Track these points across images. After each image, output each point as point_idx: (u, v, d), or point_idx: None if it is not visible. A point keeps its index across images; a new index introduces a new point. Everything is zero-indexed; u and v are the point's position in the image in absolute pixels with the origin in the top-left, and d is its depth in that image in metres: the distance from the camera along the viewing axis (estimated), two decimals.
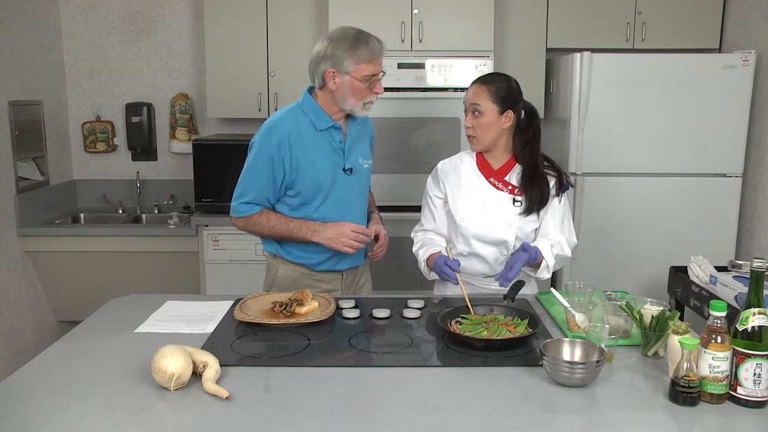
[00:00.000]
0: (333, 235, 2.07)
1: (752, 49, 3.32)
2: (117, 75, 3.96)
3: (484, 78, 2.10)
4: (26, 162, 3.52)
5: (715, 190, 3.34)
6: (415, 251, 2.19)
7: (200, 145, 3.52)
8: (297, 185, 2.07)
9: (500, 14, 3.53)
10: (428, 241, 2.17)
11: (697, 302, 2.65)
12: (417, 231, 2.25)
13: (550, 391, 1.43)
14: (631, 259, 3.37)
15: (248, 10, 3.56)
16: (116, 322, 1.83)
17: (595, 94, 3.25)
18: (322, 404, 1.36)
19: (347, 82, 2.01)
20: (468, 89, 2.09)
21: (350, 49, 1.98)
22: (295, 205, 2.11)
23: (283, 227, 2.09)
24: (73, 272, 3.57)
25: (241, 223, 2.13)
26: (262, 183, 2.06)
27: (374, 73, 2.03)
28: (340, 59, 1.99)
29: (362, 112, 2.09)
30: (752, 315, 1.36)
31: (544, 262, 1.99)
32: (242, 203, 2.09)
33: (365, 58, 1.99)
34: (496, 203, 2.08)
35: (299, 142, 2.05)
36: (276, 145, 2.03)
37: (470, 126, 2.06)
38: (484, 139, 2.06)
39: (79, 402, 1.37)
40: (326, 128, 2.09)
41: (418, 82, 3.37)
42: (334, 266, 2.18)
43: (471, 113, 2.05)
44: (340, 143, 2.12)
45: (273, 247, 2.20)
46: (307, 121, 2.08)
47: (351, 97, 2.03)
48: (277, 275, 2.20)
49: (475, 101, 2.03)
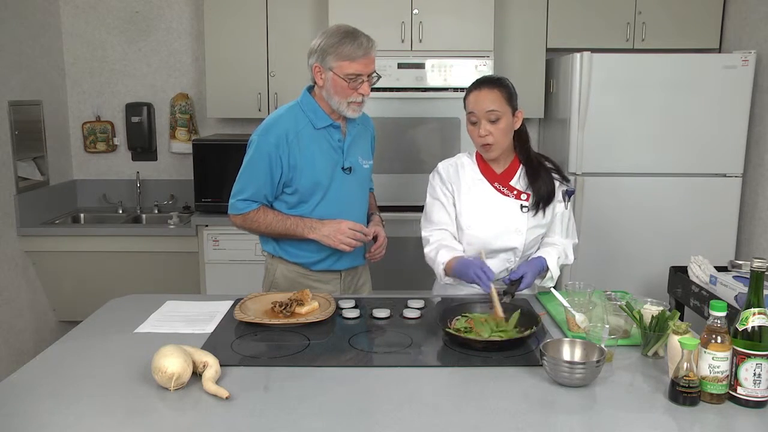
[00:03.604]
0: (330, 232, 2.06)
1: (752, 49, 3.32)
2: (117, 75, 3.96)
3: (488, 83, 2.00)
4: (26, 162, 3.52)
5: (715, 190, 3.34)
6: (431, 253, 2.06)
7: (200, 145, 3.52)
8: (295, 183, 2.08)
9: (500, 14, 3.52)
10: (445, 245, 2.04)
11: (697, 302, 2.65)
12: (431, 230, 2.09)
13: (550, 391, 1.43)
14: (631, 259, 3.37)
15: (248, 10, 3.56)
16: (116, 322, 1.83)
17: (595, 94, 3.25)
18: (322, 404, 1.36)
19: (330, 78, 2.01)
20: (473, 97, 1.98)
21: (335, 45, 1.99)
22: (292, 202, 2.11)
23: (280, 224, 2.09)
24: (73, 272, 3.57)
25: (239, 221, 2.13)
26: (259, 180, 2.06)
27: (357, 72, 1.99)
28: (325, 54, 2.00)
29: (349, 112, 2.05)
30: (752, 315, 1.36)
31: (549, 273, 2.00)
32: (240, 200, 2.09)
33: (347, 56, 1.98)
34: (503, 209, 2.05)
35: (297, 140, 2.05)
36: (274, 143, 2.03)
37: (488, 133, 1.95)
38: (503, 144, 1.99)
39: (79, 402, 1.37)
40: (324, 126, 2.09)
41: (418, 82, 3.37)
42: (332, 266, 2.18)
43: (486, 121, 1.95)
44: (339, 142, 2.12)
45: (271, 246, 2.20)
46: (305, 119, 2.08)
47: (335, 95, 2.03)
48: (276, 275, 2.20)
49: (493, 108, 1.94)
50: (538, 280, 2.03)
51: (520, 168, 2.08)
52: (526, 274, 1.92)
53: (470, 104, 2.00)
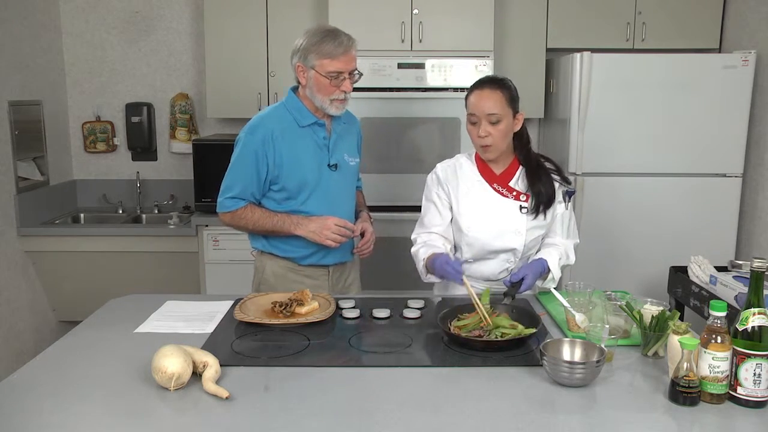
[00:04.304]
0: (316, 228, 2.10)
1: (752, 49, 3.32)
2: (117, 75, 3.96)
3: (490, 84, 1.99)
4: (26, 162, 3.52)
5: (715, 190, 3.34)
6: (414, 252, 2.11)
7: (200, 145, 3.52)
8: (282, 180, 2.11)
9: (500, 14, 3.52)
10: (429, 244, 2.08)
11: (697, 302, 2.65)
12: (420, 233, 2.15)
13: (550, 391, 1.43)
14: (631, 259, 3.37)
15: (248, 10, 3.56)
16: (116, 322, 1.83)
17: (595, 94, 3.25)
18: (322, 404, 1.36)
19: (312, 77, 2.06)
20: (475, 97, 1.98)
21: (316, 43, 2.03)
22: (280, 199, 2.14)
23: (267, 221, 2.13)
24: (73, 272, 3.57)
25: (227, 218, 2.16)
26: (246, 178, 2.10)
27: (339, 69, 2.03)
28: (307, 53, 2.05)
29: (332, 109, 2.10)
30: (752, 315, 1.36)
31: (551, 275, 2.01)
32: (228, 198, 2.13)
33: (328, 54, 2.02)
34: (502, 211, 2.05)
35: (282, 138, 2.09)
36: (260, 141, 2.07)
37: (488, 134, 1.96)
38: (502, 145, 2.01)
39: (79, 402, 1.37)
40: (309, 125, 2.13)
41: (418, 82, 3.37)
42: (320, 260, 2.20)
43: (487, 122, 1.96)
44: (325, 139, 2.15)
45: (260, 242, 2.23)
46: (290, 118, 2.12)
47: (318, 93, 2.07)
48: (265, 272, 2.22)
49: (494, 110, 1.94)
50: (539, 282, 2.03)
51: (520, 169, 2.08)
52: (526, 276, 1.92)
53: (471, 105, 2.00)
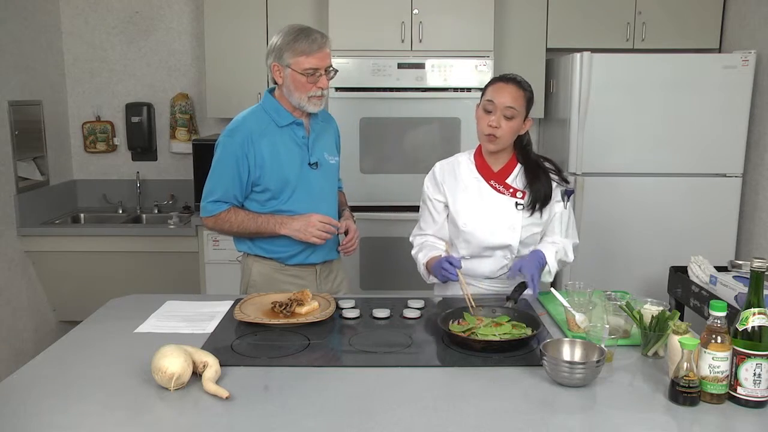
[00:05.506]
0: (300, 226, 2.10)
1: (752, 49, 3.32)
2: (117, 75, 3.96)
3: (515, 81, 2.02)
4: (26, 162, 3.52)
5: (715, 190, 3.34)
6: (414, 254, 2.18)
7: (200, 145, 3.51)
8: (263, 181, 2.11)
9: (500, 14, 3.52)
10: (428, 245, 2.15)
11: (697, 302, 2.64)
12: (416, 235, 2.23)
13: (550, 391, 1.43)
14: (631, 259, 3.37)
15: (248, 10, 3.56)
16: (116, 322, 1.83)
17: (595, 94, 3.25)
18: (322, 404, 1.36)
19: (289, 75, 2.07)
20: (497, 88, 2.00)
21: (290, 42, 2.04)
22: (263, 200, 2.14)
23: (251, 223, 2.12)
24: (73, 272, 3.57)
25: (211, 222, 2.16)
26: (227, 181, 2.10)
27: (314, 66, 2.05)
28: (281, 52, 2.06)
29: (310, 107, 2.11)
30: (752, 315, 1.36)
31: (548, 267, 2.01)
32: (210, 202, 2.13)
33: (303, 51, 2.03)
34: (498, 207, 2.07)
35: (262, 138, 2.10)
36: (239, 143, 2.08)
37: (498, 126, 1.98)
38: (507, 141, 2.03)
39: (79, 402, 1.37)
40: (287, 124, 2.14)
41: (418, 82, 3.37)
42: (306, 259, 2.20)
43: (502, 114, 1.98)
44: (304, 138, 2.16)
45: (245, 245, 2.23)
46: (268, 119, 2.13)
47: (295, 91, 2.08)
48: (252, 274, 2.22)
49: (513, 105, 1.97)
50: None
51: (518, 167, 2.09)
52: (534, 276, 1.92)
53: (492, 92, 2.01)
